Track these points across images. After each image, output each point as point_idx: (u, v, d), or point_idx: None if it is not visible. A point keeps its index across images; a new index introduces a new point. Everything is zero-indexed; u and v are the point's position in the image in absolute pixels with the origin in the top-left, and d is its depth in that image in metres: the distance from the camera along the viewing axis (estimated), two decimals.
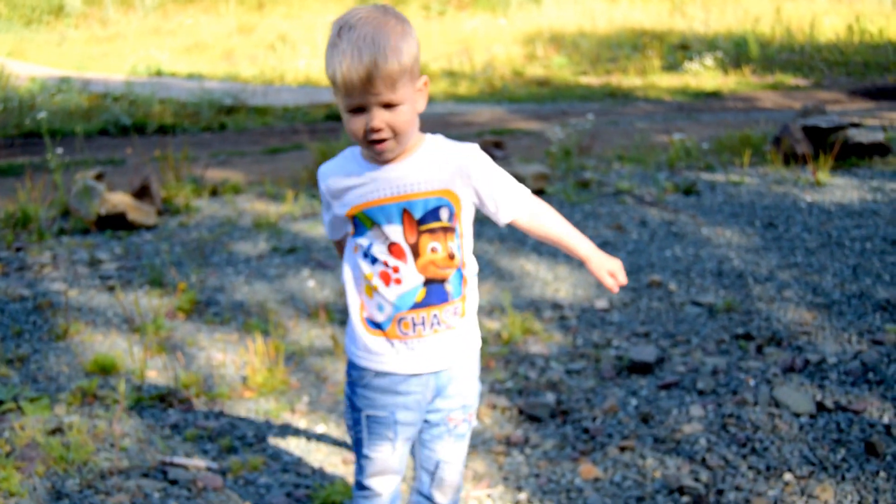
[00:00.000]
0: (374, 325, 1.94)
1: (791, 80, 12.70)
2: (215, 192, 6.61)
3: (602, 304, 4.23)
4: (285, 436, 3.14)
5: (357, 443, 2.05)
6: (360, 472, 2.07)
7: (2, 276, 4.71)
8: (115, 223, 5.60)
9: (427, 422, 2.01)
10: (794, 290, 4.25)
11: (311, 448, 3.06)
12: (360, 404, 2.00)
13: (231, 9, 20.05)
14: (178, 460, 2.89)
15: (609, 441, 3.02)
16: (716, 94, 11.97)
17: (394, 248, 1.88)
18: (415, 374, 1.94)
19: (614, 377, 3.50)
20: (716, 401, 3.21)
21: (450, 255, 1.88)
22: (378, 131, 1.78)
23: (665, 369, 3.53)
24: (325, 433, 3.18)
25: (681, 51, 14.48)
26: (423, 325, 1.90)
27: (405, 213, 1.86)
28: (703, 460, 2.83)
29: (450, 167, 1.86)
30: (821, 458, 2.79)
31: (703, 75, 12.98)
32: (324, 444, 3.10)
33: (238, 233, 5.54)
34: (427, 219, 1.85)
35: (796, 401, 3.12)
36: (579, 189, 6.34)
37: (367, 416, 1.99)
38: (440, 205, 1.85)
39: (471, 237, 1.94)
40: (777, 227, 5.25)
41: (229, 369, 3.64)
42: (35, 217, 5.59)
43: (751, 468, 2.77)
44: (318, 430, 3.19)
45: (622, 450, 2.95)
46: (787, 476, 2.71)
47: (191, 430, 3.12)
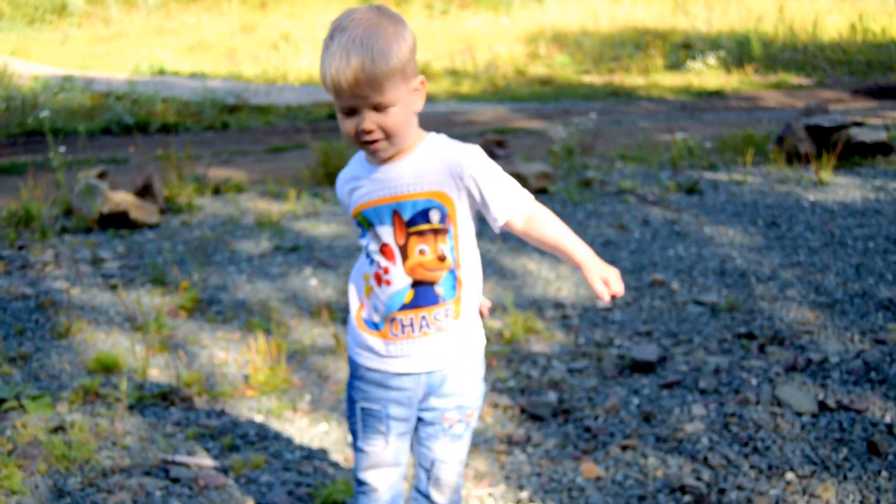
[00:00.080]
0: (371, 325, 1.96)
1: (794, 79, 12.69)
2: (218, 191, 6.61)
3: (604, 303, 4.23)
4: (287, 434, 3.14)
5: (353, 435, 2.08)
6: (356, 466, 2.10)
7: (4, 275, 4.72)
8: (118, 222, 5.61)
9: (422, 420, 2.02)
10: (797, 289, 4.24)
11: (313, 447, 3.06)
12: (355, 396, 2.03)
13: (234, 8, 20.06)
14: (179, 459, 2.89)
15: (611, 440, 3.02)
16: (718, 93, 11.96)
17: (385, 249, 1.89)
18: (405, 374, 1.94)
19: (616, 376, 3.50)
20: (718, 400, 3.21)
21: (440, 258, 1.87)
22: (369, 133, 1.78)
23: (667, 368, 3.53)
24: (326, 432, 3.18)
25: (683, 50, 14.47)
26: (411, 326, 1.90)
27: (395, 214, 1.86)
28: (705, 459, 2.83)
29: (443, 168, 1.83)
30: (823, 457, 2.79)
31: (706, 74, 12.97)
32: (325, 442, 3.10)
33: (240, 231, 5.54)
34: (416, 220, 1.85)
35: (798, 400, 3.11)
36: (582, 188, 6.34)
37: (362, 409, 2.02)
38: (430, 206, 1.84)
39: (470, 238, 1.91)
40: (780, 226, 5.24)
41: (231, 368, 3.64)
42: (38, 216, 5.60)
43: (753, 467, 2.76)
44: (320, 429, 3.19)
45: (624, 449, 2.95)
46: (789, 475, 2.70)
47: (193, 428, 3.12)
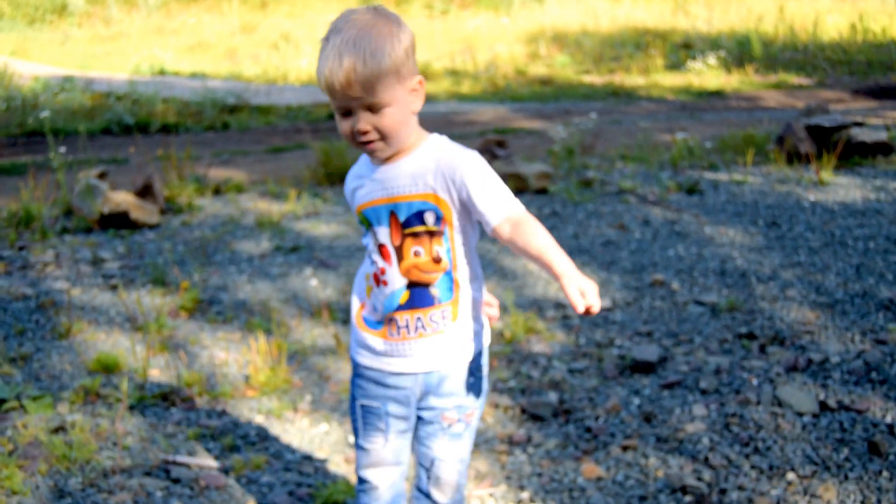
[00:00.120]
0: (371, 324, 1.96)
1: (794, 79, 12.68)
2: (218, 191, 6.61)
3: (605, 303, 4.23)
4: (288, 435, 3.14)
5: (355, 432, 2.08)
6: (358, 464, 2.11)
7: (5, 275, 4.72)
8: (118, 222, 5.60)
9: (421, 418, 2.02)
10: (798, 289, 4.24)
11: (314, 447, 3.06)
12: (356, 393, 2.04)
13: (234, 8, 20.07)
14: (180, 459, 2.89)
15: (612, 440, 3.01)
16: (719, 94, 11.96)
17: (382, 250, 1.89)
18: (402, 373, 1.95)
19: (617, 376, 3.50)
20: (718, 400, 3.21)
21: (434, 259, 1.86)
22: (365, 133, 1.79)
23: (668, 369, 3.53)
24: (327, 432, 3.18)
25: (684, 50, 14.47)
26: (407, 327, 1.91)
27: (392, 215, 1.86)
28: (706, 460, 2.83)
29: (436, 171, 1.82)
30: (824, 457, 2.79)
31: (706, 74, 12.97)
32: (326, 443, 3.10)
33: (241, 232, 5.54)
34: (411, 222, 1.84)
35: (799, 400, 3.11)
36: (582, 188, 6.34)
37: (362, 406, 2.03)
38: (425, 209, 1.83)
39: (468, 241, 1.90)
40: (780, 226, 5.24)
41: (232, 368, 3.64)
42: (38, 216, 5.60)
43: (753, 468, 2.76)
44: (321, 430, 3.19)
45: (625, 449, 2.95)
46: (790, 476, 2.70)
47: (193, 428, 3.12)
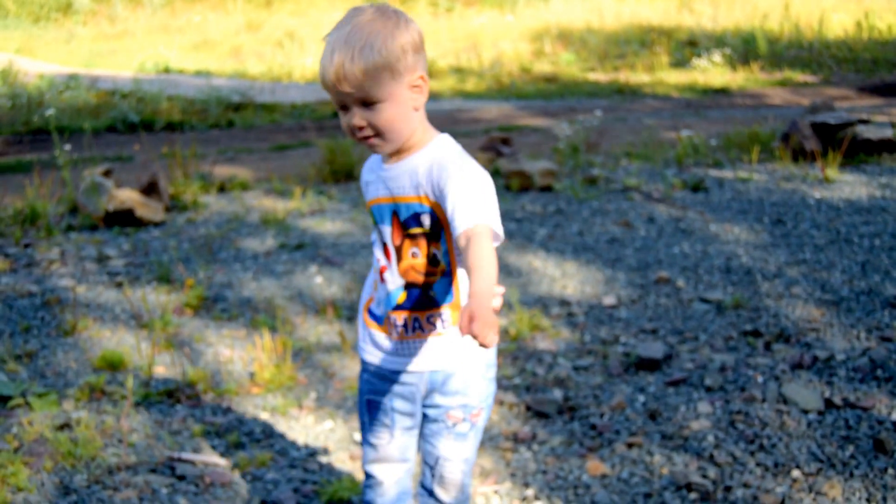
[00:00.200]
0: (375, 318, 1.96)
1: (799, 76, 12.66)
2: (223, 189, 6.62)
3: (610, 300, 4.22)
4: (293, 432, 3.14)
5: (362, 427, 2.08)
6: (364, 459, 2.11)
7: (10, 273, 4.73)
8: (123, 219, 5.61)
9: (426, 416, 2.01)
10: (803, 286, 4.24)
11: (319, 444, 3.06)
12: (363, 388, 2.04)
13: (239, 6, 20.09)
14: (185, 456, 2.90)
15: (616, 438, 3.01)
16: (724, 91, 11.94)
17: (386, 248, 1.90)
18: (403, 371, 1.95)
19: (622, 374, 3.49)
20: (724, 397, 3.21)
21: (431, 262, 1.85)
22: (361, 129, 1.78)
23: (673, 366, 3.52)
24: (332, 429, 3.18)
25: (689, 47, 14.45)
26: (405, 327, 1.90)
27: (394, 214, 1.86)
28: (711, 457, 2.83)
29: (427, 174, 1.80)
30: (829, 455, 2.78)
31: (712, 72, 12.94)
32: (331, 440, 3.10)
33: (246, 229, 5.54)
34: (410, 223, 1.84)
35: (804, 397, 3.11)
36: (587, 185, 6.33)
37: (368, 401, 2.02)
38: (420, 211, 1.82)
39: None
40: (785, 223, 5.23)
41: (237, 365, 3.65)
42: (43, 213, 5.61)
43: (759, 465, 2.76)
44: (326, 427, 3.19)
45: (630, 446, 2.94)
46: (795, 473, 2.70)
47: (198, 425, 3.12)
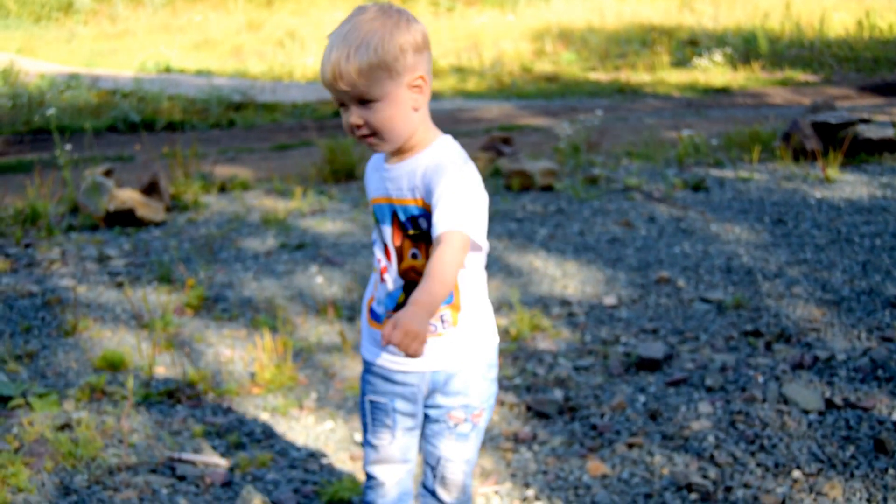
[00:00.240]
0: (375, 317, 1.96)
1: (800, 75, 12.65)
2: (224, 189, 6.62)
3: (610, 300, 4.22)
4: (293, 432, 3.14)
5: (364, 428, 2.08)
6: (365, 459, 2.11)
7: (11, 273, 4.73)
8: (124, 219, 5.61)
9: (428, 417, 2.01)
10: (804, 286, 4.23)
11: (319, 444, 3.06)
12: (365, 389, 2.04)
13: (240, 5, 20.09)
14: (186, 456, 2.90)
15: (617, 438, 3.01)
16: (725, 90, 11.93)
17: (386, 248, 1.90)
18: (406, 370, 1.94)
19: (622, 374, 3.49)
20: (724, 398, 3.21)
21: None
22: (358, 128, 1.79)
23: (673, 366, 3.52)
24: (332, 430, 3.18)
25: (690, 46, 14.45)
26: None
27: (394, 215, 1.86)
28: (712, 457, 2.83)
29: (423, 176, 1.80)
30: (830, 455, 2.78)
31: (712, 71, 12.94)
32: (331, 440, 3.10)
33: (246, 229, 5.55)
34: (408, 225, 1.85)
35: (805, 398, 3.11)
36: (588, 185, 6.33)
37: (370, 402, 2.02)
38: (417, 214, 1.83)
39: (471, 244, 1.86)
40: (786, 223, 5.23)
41: (237, 365, 3.65)
42: (44, 213, 5.61)
43: (759, 465, 2.76)
44: (326, 427, 3.19)
45: (630, 447, 2.94)
46: (796, 473, 2.70)
47: (199, 426, 3.12)
